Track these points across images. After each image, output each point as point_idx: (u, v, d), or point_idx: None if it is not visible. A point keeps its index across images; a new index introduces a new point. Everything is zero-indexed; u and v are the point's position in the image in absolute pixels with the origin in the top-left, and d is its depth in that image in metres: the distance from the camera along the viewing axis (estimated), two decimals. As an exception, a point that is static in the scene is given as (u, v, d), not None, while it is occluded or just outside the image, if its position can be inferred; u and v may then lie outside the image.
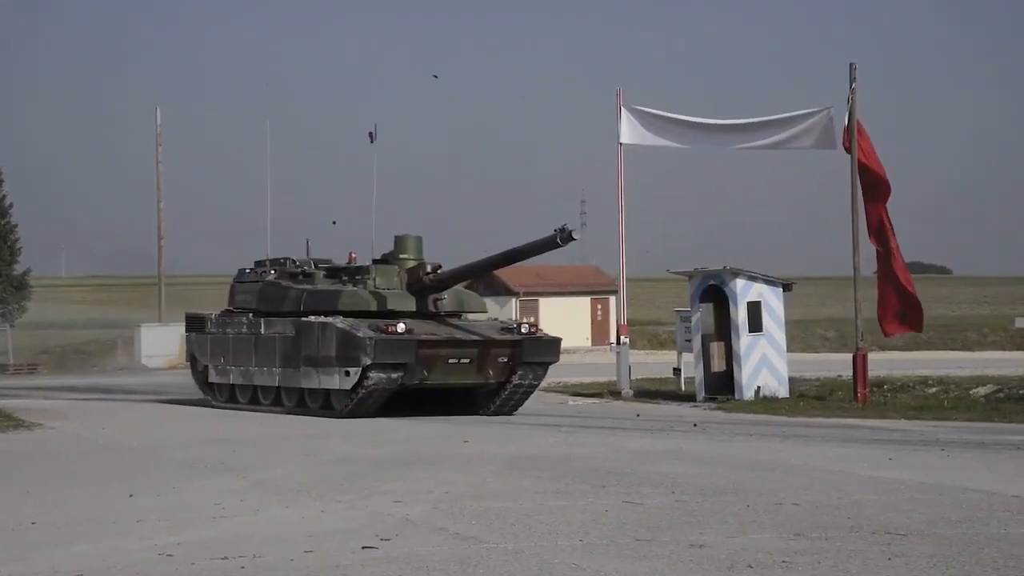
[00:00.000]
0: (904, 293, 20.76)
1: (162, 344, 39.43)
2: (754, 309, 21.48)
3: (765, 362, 21.55)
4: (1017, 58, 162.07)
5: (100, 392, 26.57)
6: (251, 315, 20.28)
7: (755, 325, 21.43)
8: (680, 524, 8.53)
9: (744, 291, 21.50)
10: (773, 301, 21.68)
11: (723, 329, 21.81)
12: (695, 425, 16.95)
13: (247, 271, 21.11)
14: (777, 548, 7.69)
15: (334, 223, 23.27)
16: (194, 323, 21.77)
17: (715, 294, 21.90)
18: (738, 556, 7.45)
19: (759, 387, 21.40)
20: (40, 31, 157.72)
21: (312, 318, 18.85)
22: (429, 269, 19.26)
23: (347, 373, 18.07)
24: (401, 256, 19.73)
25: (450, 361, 18.34)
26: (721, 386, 21.71)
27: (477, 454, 13.22)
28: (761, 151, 23.40)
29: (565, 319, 44.96)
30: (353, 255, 20.42)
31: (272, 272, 20.56)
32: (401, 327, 17.96)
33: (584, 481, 10.88)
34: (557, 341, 19.43)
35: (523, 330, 18.92)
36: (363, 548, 7.77)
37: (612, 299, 47.33)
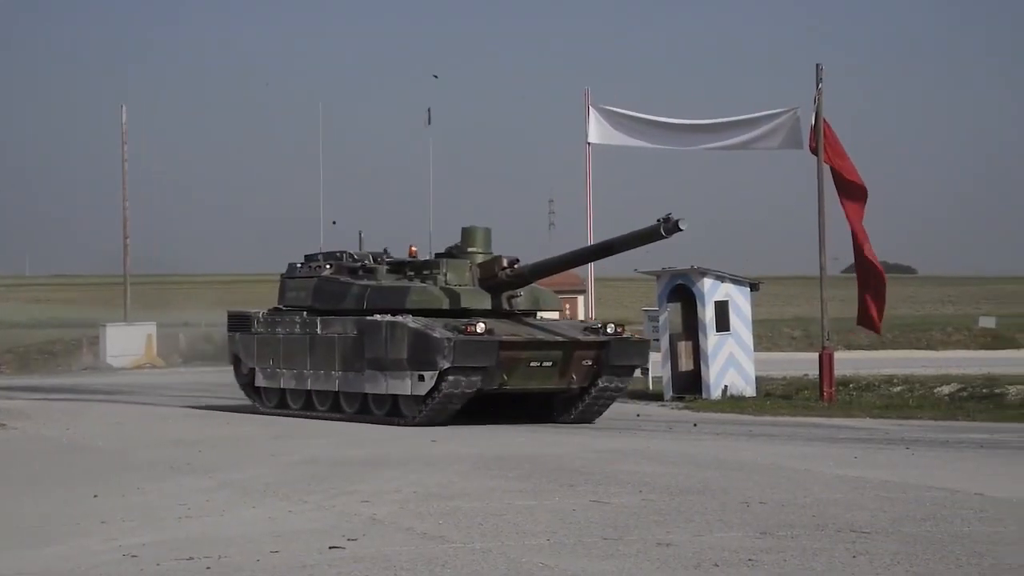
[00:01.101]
0: (879, 290, 20.90)
1: (128, 344, 39.17)
2: (721, 308, 21.58)
3: (732, 361, 21.65)
4: (995, 57, 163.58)
5: (64, 392, 26.35)
6: (305, 313, 18.63)
7: (722, 324, 21.54)
8: (647, 523, 8.56)
9: (711, 291, 21.60)
10: (740, 300, 21.80)
11: (690, 328, 21.90)
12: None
13: (298, 266, 19.32)
14: (743, 546, 7.73)
15: (334, 223, 21.64)
16: (238, 322, 19.83)
17: (683, 293, 21.99)
18: (704, 555, 7.49)
19: (726, 386, 21.50)
20: (39, 30, 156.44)
21: (378, 317, 17.14)
22: (505, 264, 17.61)
23: (421, 378, 16.37)
24: (469, 249, 18.12)
25: (531, 364, 16.71)
26: (688, 385, 21.79)
27: (445, 454, 13.22)
28: (729, 151, 23.49)
29: (533, 319, 44.82)
30: (413, 248, 18.71)
31: (327, 267, 18.82)
32: (481, 327, 16.28)
33: (552, 480, 10.89)
34: (646, 344, 18.16)
35: (609, 330, 17.18)
36: (330, 548, 7.75)
37: (580, 299, 47.36)
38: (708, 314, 21.44)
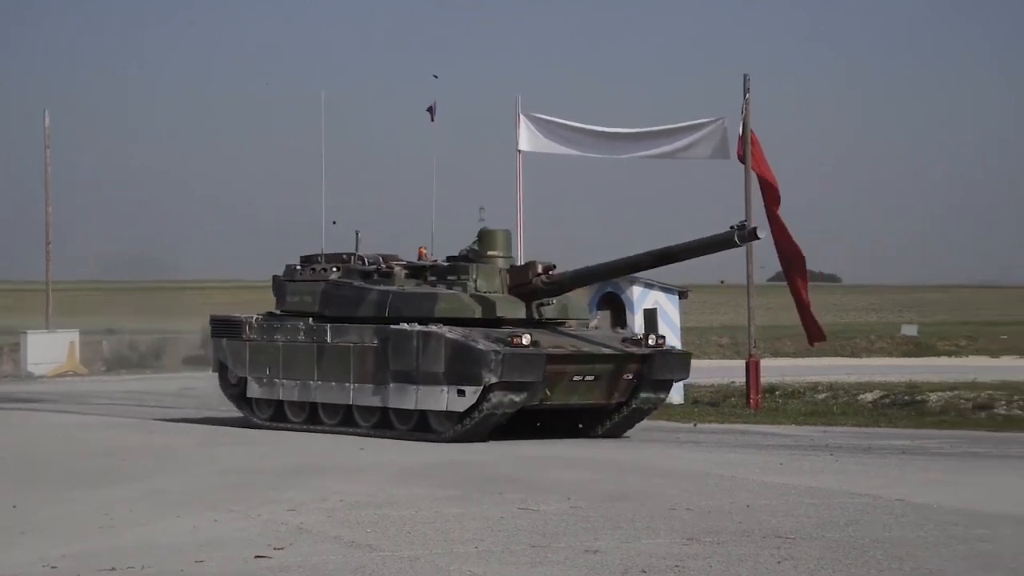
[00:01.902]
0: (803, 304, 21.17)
1: (49, 351, 38.52)
2: (650, 316, 21.76)
3: (660, 369, 21.81)
4: (919, 63, 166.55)
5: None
6: (311, 320, 17.23)
7: (651, 332, 21.68)
8: (575, 530, 8.59)
9: (641, 298, 21.79)
10: (669, 308, 22.01)
11: (620, 336, 22.05)
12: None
13: (298, 268, 17.92)
14: (670, 553, 7.79)
15: (334, 223, 19.57)
16: (225, 327, 18.37)
17: (612, 301, 22.15)
18: (632, 561, 7.53)
19: (654, 393, 21.66)
20: (42, 25, 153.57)
21: (406, 326, 15.87)
22: (541, 270, 16.46)
23: (461, 392, 15.16)
24: (489, 253, 16.82)
25: (575, 379, 15.58)
26: (617, 392, 21.90)
27: (373, 462, 13.15)
28: (657, 160, 23.66)
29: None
30: (423, 250, 17.54)
31: (334, 270, 17.45)
32: (526, 339, 15.15)
33: (480, 488, 10.89)
34: (688, 356, 17.16)
35: (651, 342, 16.27)
36: (256, 557, 7.67)
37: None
38: (637, 322, 21.60)
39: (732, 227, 15.11)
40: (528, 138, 23.29)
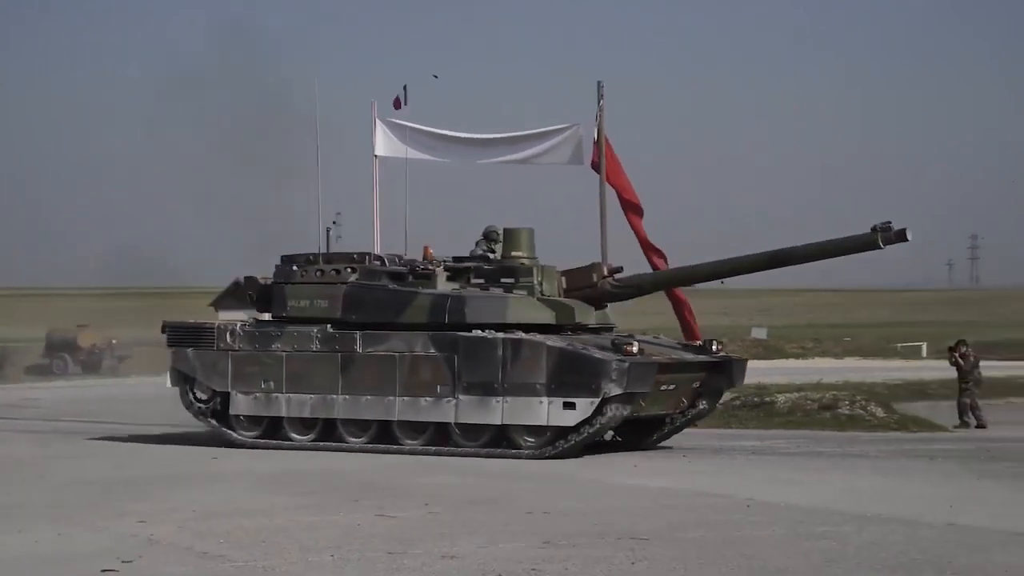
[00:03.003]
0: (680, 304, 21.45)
1: None
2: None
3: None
4: (918, 63, 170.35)
5: None
6: (328, 326, 15.44)
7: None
8: (432, 536, 8.58)
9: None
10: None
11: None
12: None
13: (296, 269, 15.99)
14: (527, 556, 7.84)
15: (336, 220, 18.86)
16: (189, 336, 16.32)
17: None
18: (489, 566, 7.56)
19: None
20: (42, 25, 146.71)
21: (483, 332, 14.50)
22: (607, 272, 15.64)
23: (569, 405, 13.99)
24: (514, 254, 15.65)
25: (662, 388, 14.70)
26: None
27: (227, 471, 12.91)
28: (514, 165, 23.78)
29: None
30: (429, 250, 15.96)
31: (350, 271, 15.68)
32: (636, 347, 14.23)
33: (337, 496, 10.80)
34: (745, 362, 16.48)
35: (714, 348, 15.73)
36: (102, 572, 7.46)
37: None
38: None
39: (875, 228, 13.81)
40: (385, 143, 23.17)
